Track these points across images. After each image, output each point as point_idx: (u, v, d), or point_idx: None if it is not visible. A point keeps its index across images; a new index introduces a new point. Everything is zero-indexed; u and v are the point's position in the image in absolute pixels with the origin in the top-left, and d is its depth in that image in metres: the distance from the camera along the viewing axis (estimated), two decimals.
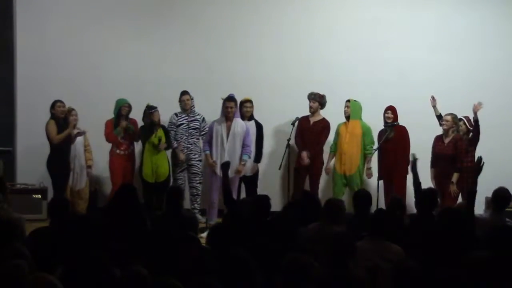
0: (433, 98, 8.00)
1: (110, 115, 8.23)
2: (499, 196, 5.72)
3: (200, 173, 8.35)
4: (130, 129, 8.14)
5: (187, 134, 8.28)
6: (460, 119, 7.81)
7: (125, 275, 3.57)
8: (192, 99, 8.31)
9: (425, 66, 8.85)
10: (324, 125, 8.30)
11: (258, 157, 8.39)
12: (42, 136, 7.97)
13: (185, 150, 8.27)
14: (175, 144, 8.26)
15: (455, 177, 7.61)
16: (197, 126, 8.30)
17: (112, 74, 8.91)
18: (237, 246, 4.11)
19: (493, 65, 8.85)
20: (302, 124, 8.30)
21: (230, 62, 8.98)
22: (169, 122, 8.37)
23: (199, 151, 8.32)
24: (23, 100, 8.97)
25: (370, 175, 8.16)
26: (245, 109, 8.29)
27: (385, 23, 8.92)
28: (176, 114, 8.36)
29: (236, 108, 7.95)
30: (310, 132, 8.25)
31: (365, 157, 8.11)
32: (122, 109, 8.14)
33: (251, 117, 8.37)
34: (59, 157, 7.90)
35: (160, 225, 5.42)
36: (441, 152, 7.73)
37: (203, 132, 8.31)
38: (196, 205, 8.31)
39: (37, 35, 8.96)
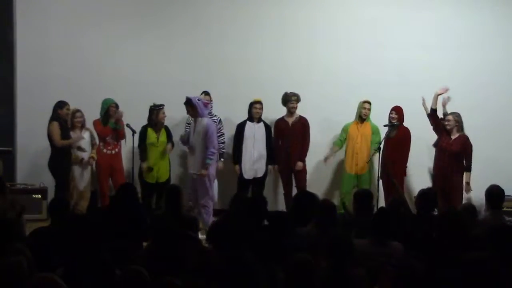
0: (423, 99, 8.01)
1: None
2: (493, 194, 5.71)
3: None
4: (118, 127, 8.12)
5: None
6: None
7: (125, 275, 3.58)
8: (211, 100, 8.27)
9: (425, 67, 8.82)
10: (304, 123, 8.31)
11: (271, 159, 8.33)
12: (42, 136, 7.96)
13: None
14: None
15: (467, 176, 7.64)
16: None
17: (112, 74, 8.90)
18: (240, 246, 4.11)
19: (494, 65, 8.82)
20: (281, 127, 8.33)
21: (229, 62, 8.96)
22: (186, 122, 8.39)
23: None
24: (23, 100, 8.97)
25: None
26: (254, 110, 8.24)
27: (385, 23, 8.90)
28: None
29: (192, 110, 7.50)
30: (291, 132, 8.26)
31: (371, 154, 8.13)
32: (110, 109, 8.13)
33: (260, 119, 8.35)
34: (61, 157, 7.89)
35: (159, 225, 5.41)
36: (447, 147, 7.70)
37: (219, 133, 8.25)
38: None
39: (37, 35, 8.95)
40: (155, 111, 8.11)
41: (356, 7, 8.97)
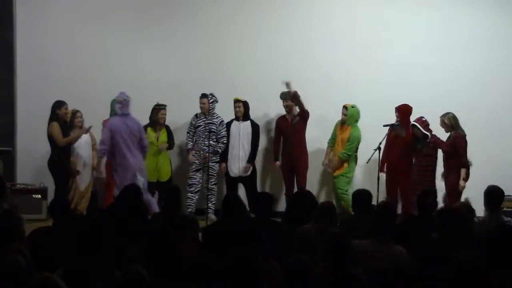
0: None
1: None
2: (492, 195, 5.70)
3: (215, 174, 8.33)
4: None
5: (203, 136, 8.26)
6: (414, 125, 7.78)
7: (125, 275, 3.58)
8: (212, 102, 8.31)
9: (426, 67, 8.82)
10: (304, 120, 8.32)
11: (251, 158, 8.39)
12: (42, 136, 7.96)
13: (201, 152, 8.29)
14: (189, 145, 8.35)
15: (462, 172, 7.56)
16: (213, 129, 8.29)
17: (112, 74, 8.91)
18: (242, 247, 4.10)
19: (497, 66, 8.79)
20: (281, 125, 8.36)
21: (228, 61, 8.97)
22: (190, 123, 8.46)
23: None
24: (23, 100, 8.98)
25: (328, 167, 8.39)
26: (235, 109, 8.36)
27: (385, 23, 8.89)
28: (196, 115, 8.44)
29: None
30: (292, 130, 8.28)
31: (339, 158, 8.19)
32: None
33: (246, 117, 8.37)
34: (61, 157, 7.88)
35: (159, 224, 5.42)
36: (445, 149, 7.76)
37: (219, 136, 8.30)
38: (210, 204, 8.27)
39: (37, 35, 8.96)
40: (156, 110, 8.18)
41: (356, 6, 8.96)
